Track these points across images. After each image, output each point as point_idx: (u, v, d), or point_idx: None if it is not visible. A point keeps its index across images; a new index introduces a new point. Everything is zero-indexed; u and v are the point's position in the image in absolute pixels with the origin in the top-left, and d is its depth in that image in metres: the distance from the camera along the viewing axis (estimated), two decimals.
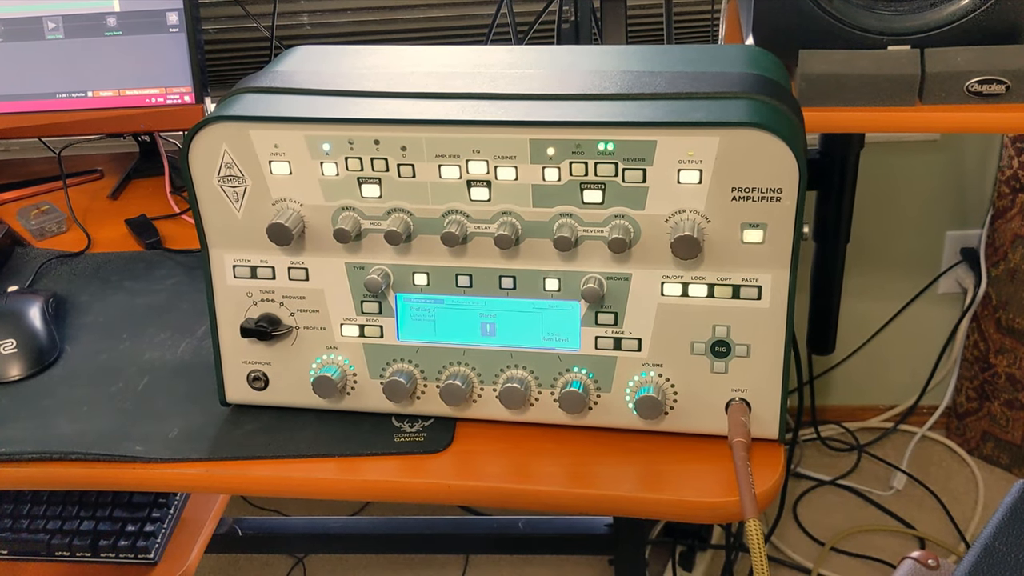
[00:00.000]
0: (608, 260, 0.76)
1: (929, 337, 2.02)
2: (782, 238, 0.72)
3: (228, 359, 0.84)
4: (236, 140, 0.76)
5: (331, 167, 0.76)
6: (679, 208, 0.72)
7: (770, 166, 0.69)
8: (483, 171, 0.74)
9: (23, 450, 0.84)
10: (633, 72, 0.78)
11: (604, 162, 0.72)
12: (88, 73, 1.20)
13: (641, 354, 0.78)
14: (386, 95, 0.77)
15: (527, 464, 0.81)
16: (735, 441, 0.74)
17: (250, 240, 0.80)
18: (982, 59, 1.05)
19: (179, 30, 1.18)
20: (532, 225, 0.76)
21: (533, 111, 0.73)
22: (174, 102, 1.21)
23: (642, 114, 0.71)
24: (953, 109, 1.07)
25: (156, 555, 1.17)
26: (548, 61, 0.84)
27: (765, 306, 0.75)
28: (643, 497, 0.77)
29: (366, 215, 0.77)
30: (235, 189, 0.78)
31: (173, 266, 1.14)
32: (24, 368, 0.95)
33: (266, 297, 0.82)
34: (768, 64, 0.79)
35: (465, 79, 0.79)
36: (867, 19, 1.07)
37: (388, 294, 0.80)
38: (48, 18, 1.19)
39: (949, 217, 1.92)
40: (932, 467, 2.02)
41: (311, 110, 0.76)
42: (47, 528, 1.19)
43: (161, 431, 0.85)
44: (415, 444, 0.82)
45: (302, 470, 0.81)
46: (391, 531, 1.67)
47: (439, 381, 0.81)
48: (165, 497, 1.23)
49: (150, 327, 1.01)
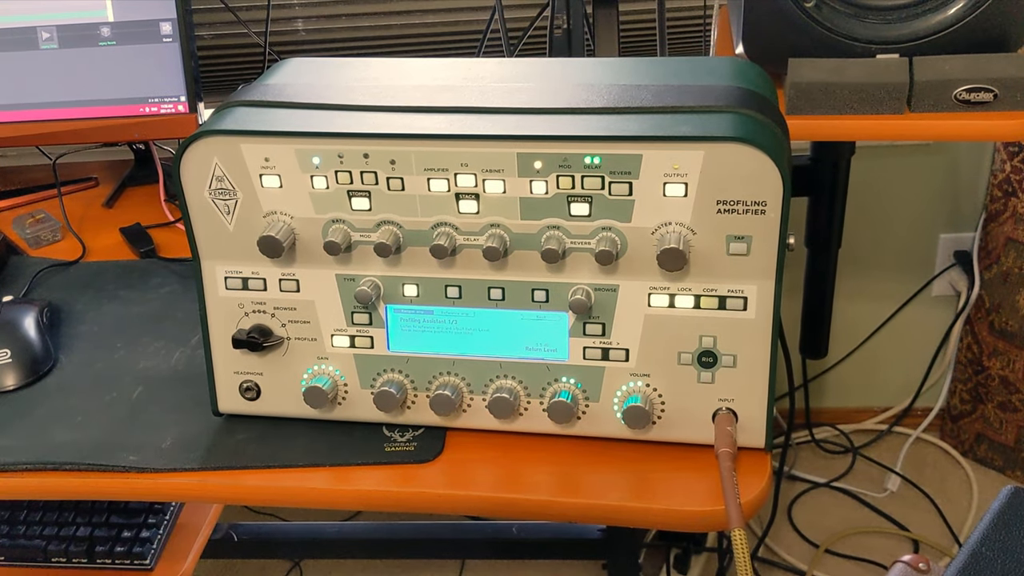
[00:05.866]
0: (596, 271, 0.76)
1: (923, 339, 2.03)
2: (767, 250, 0.73)
3: (220, 369, 0.85)
4: (227, 154, 0.77)
5: (321, 180, 0.77)
6: (665, 220, 0.73)
7: (754, 179, 0.70)
8: (471, 184, 0.75)
9: (17, 460, 0.85)
10: (620, 85, 0.79)
11: (591, 175, 0.73)
12: (82, 82, 1.21)
13: (629, 364, 0.79)
14: (376, 109, 0.78)
15: (517, 473, 0.81)
16: (721, 451, 0.75)
17: (242, 252, 0.80)
18: (970, 68, 1.06)
19: (172, 40, 1.19)
20: (520, 237, 0.76)
21: (521, 125, 0.74)
22: (168, 111, 1.21)
23: (628, 128, 0.72)
24: (942, 117, 1.08)
25: (152, 561, 1.18)
26: (537, 74, 0.84)
27: (751, 317, 0.76)
28: (632, 506, 0.78)
29: (356, 227, 0.78)
30: (226, 202, 0.79)
31: (167, 275, 1.14)
32: (19, 378, 0.95)
33: (257, 308, 0.82)
34: (754, 77, 0.80)
35: (454, 92, 0.80)
36: (856, 28, 1.08)
37: (378, 305, 0.81)
38: (42, 28, 1.20)
39: (943, 220, 1.93)
40: (926, 469, 2.02)
41: (301, 124, 0.76)
42: (43, 535, 1.19)
43: (155, 441, 0.86)
44: (406, 453, 0.82)
45: (294, 479, 0.82)
46: (387, 536, 1.67)
47: (429, 391, 0.82)
48: (161, 503, 1.23)
49: (144, 336, 1.02)
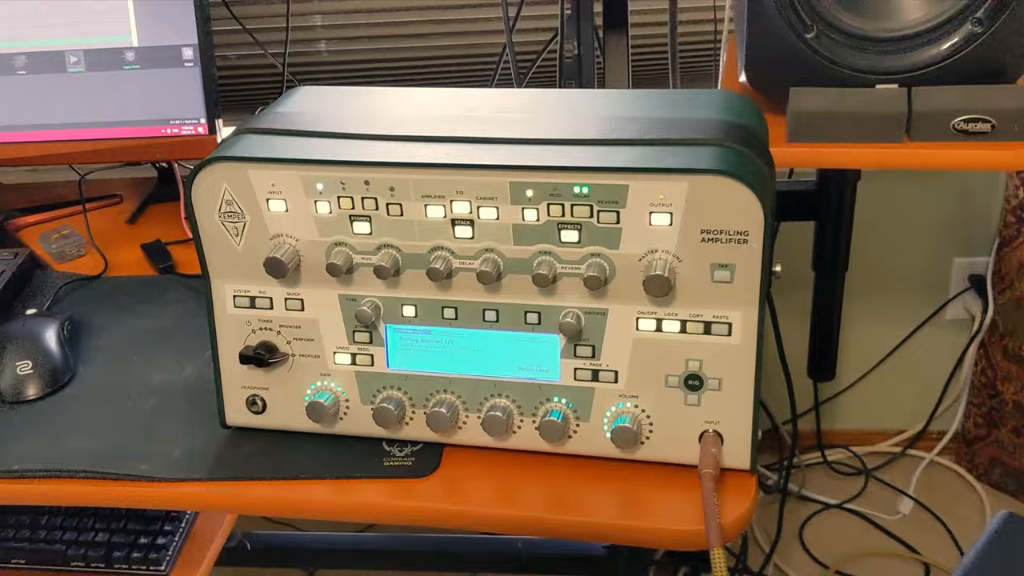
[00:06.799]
0: (585, 296, 0.79)
1: (937, 362, 2.03)
2: (750, 278, 0.75)
3: (228, 384, 0.88)
4: (236, 179, 0.80)
5: (324, 205, 0.80)
6: (651, 248, 0.76)
7: (736, 210, 0.73)
8: (466, 211, 0.78)
9: (34, 467, 0.89)
10: (613, 117, 0.82)
11: (580, 204, 0.76)
12: (107, 105, 1.26)
13: (618, 386, 0.81)
14: (377, 138, 0.81)
15: (511, 489, 0.84)
16: (703, 472, 0.77)
17: (249, 272, 0.84)
18: (967, 98, 1.08)
19: (194, 64, 1.23)
20: (513, 262, 0.79)
21: (514, 155, 0.77)
22: (188, 133, 1.26)
23: (616, 160, 0.75)
24: (940, 147, 1.09)
25: (167, 567, 1.21)
26: (534, 105, 0.87)
27: (736, 342, 0.78)
28: (621, 524, 0.80)
29: (357, 250, 0.82)
30: (235, 224, 0.83)
31: (184, 290, 1.18)
32: (39, 388, 1.00)
33: (264, 326, 0.86)
34: (743, 110, 0.83)
35: (453, 122, 0.83)
36: (856, 59, 1.10)
37: (378, 325, 0.84)
38: (70, 52, 1.25)
39: (957, 244, 1.94)
40: (939, 492, 2.02)
41: (306, 152, 0.80)
42: (64, 539, 1.23)
43: (165, 451, 0.90)
44: (403, 468, 0.85)
45: (297, 491, 0.85)
46: (399, 547, 1.70)
47: (426, 408, 0.85)
48: (177, 512, 1.27)
49: (159, 350, 1.06)
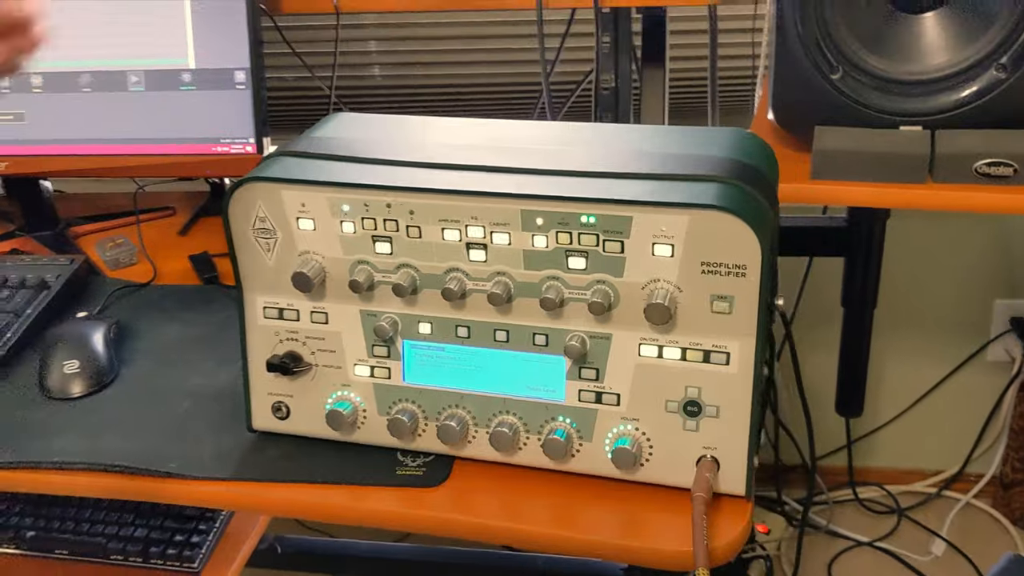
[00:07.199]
0: (591, 320, 0.83)
1: (976, 404, 2.02)
2: (748, 310, 0.79)
3: (256, 390, 0.94)
4: (269, 198, 0.86)
5: (349, 225, 0.85)
6: (654, 277, 0.79)
7: (734, 245, 0.76)
8: (480, 235, 0.82)
9: (74, 460, 0.95)
10: (626, 151, 0.86)
11: (586, 233, 0.80)
12: (164, 122, 1.33)
13: (620, 408, 0.85)
14: (402, 164, 0.86)
15: (515, 504, 0.87)
16: (696, 495, 0.80)
17: (279, 286, 0.89)
18: (990, 142, 1.09)
19: (245, 87, 1.30)
20: (523, 285, 0.83)
21: (526, 185, 0.81)
22: (238, 151, 1.32)
23: (622, 192, 0.78)
24: (962, 189, 1.11)
25: (199, 564, 1.27)
26: (553, 138, 0.92)
27: (734, 371, 0.81)
28: (620, 543, 0.83)
29: (378, 269, 0.86)
30: (267, 240, 0.88)
31: (226, 301, 1.24)
32: (84, 387, 1.06)
33: (291, 336, 0.91)
34: (752, 149, 0.86)
35: (475, 151, 0.88)
36: (880, 100, 1.13)
37: (396, 340, 0.88)
38: (131, 72, 1.33)
39: (998, 286, 1.93)
40: (974, 536, 2.00)
41: (335, 175, 0.85)
42: (104, 532, 1.30)
43: (195, 451, 0.95)
44: (415, 478, 0.90)
45: (314, 495, 0.90)
46: (425, 559, 1.74)
47: (439, 421, 0.89)
48: (212, 511, 1.33)
49: (197, 356, 1.11)
